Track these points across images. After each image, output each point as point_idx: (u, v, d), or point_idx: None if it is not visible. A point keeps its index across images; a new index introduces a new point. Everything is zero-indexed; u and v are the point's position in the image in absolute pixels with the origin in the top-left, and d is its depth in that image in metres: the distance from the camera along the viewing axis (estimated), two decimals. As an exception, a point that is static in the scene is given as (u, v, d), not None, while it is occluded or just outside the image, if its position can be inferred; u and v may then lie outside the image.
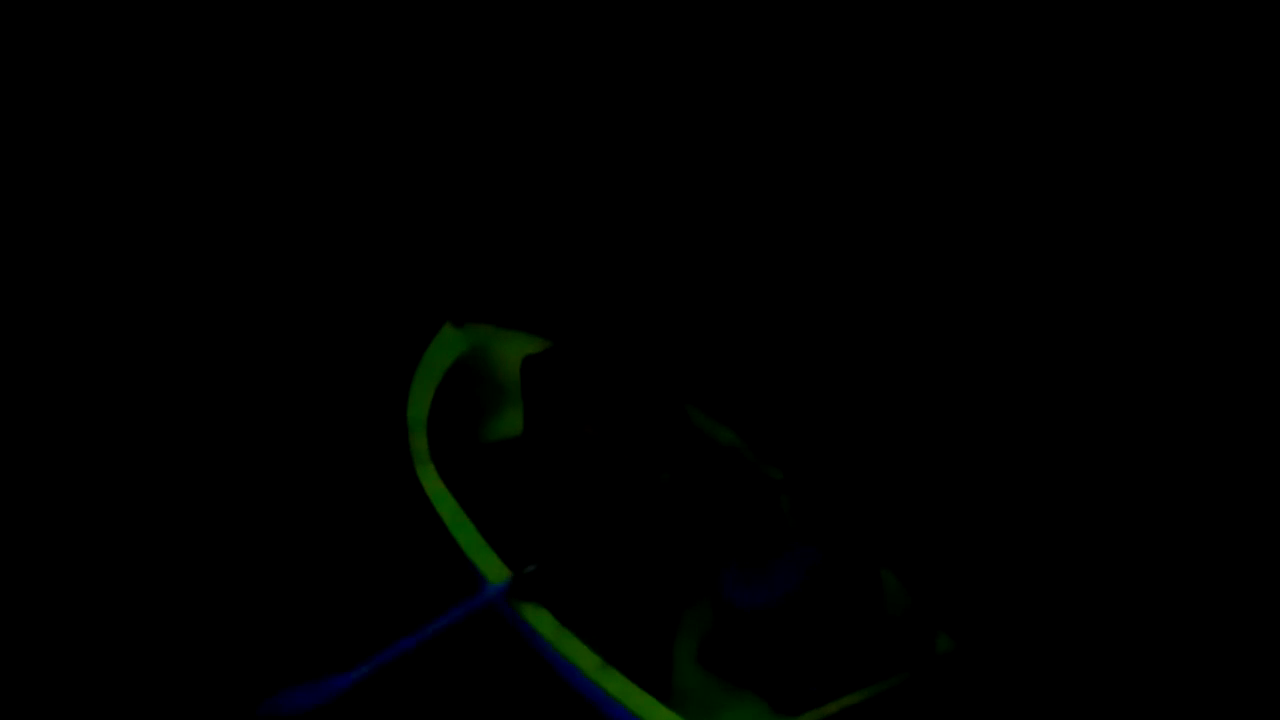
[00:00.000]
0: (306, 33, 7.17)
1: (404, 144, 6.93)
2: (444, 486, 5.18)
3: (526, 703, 4.88)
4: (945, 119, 6.98)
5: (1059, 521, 5.33)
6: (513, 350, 5.62)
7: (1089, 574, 5.16)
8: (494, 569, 4.90)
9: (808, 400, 5.90)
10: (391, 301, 6.34)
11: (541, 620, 4.71)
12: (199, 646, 5.18)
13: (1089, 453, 5.62)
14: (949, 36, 7.21)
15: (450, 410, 5.54)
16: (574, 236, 6.60)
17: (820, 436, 5.71)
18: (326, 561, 5.43)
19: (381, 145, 6.91)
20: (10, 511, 5.55)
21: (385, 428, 5.78)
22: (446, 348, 5.61)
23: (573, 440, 5.16)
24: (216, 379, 6.05)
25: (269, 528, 5.54)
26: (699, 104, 7.04)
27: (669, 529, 4.90)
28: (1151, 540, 5.27)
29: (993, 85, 7.04)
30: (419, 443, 5.32)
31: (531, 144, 6.92)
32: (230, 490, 5.67)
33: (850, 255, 6.52)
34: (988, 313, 6.26)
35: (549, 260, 6.50)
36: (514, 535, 5.10)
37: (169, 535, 5.53)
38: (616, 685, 4.49)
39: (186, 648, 5.18)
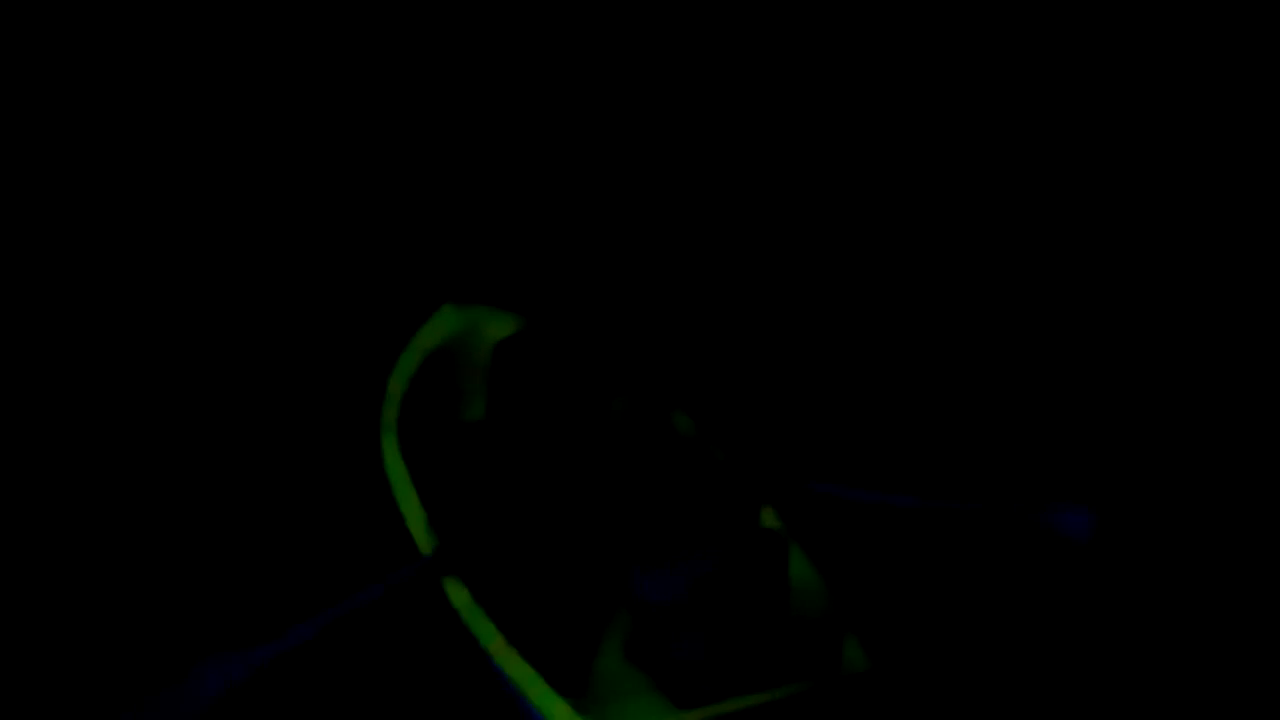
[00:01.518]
0: (302, 24, 7.25)
1: (419, 132, 6.99)
2: (399, 457, 5.20)
3: (449, 675, 4.90)
4: (921, 117, 6.99)
5: (995, 545, 5.30)
6: (503, 332, 5.64)
7: (1013, 599, 5.13)
8: (426, 540, 4.92)
9: (768, 395, 5.92)
10: (406, 283, 6.42)
11: (458, 595, 4.70)
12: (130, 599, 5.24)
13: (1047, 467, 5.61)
14: (943, 36, 7.21)
15: (431, 386, 5.57)
16: (579, 225, 6.64)
17: (777, 431, 5.73)
18: (278, 517, 5.49)
19: (394, 133, 6.98)
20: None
21: (369, 398, 5.85)
22: (441, 326, 5.64)
23: (588, 418, 5.16)
24: (219, 359, 6.14)
25: (233, 485, 5.61)
26: (694, 102, 7.08)
27: (604, 515, 4.88)
28: (1095, 563, 5.23)
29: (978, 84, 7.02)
30: (390, 413, 5.35)
31: (541, 135, 6.97)
32: (199, 450, 5.76)
33: (831, 258, 6.54)
34: (959, 317, 6.27)
35: (554, 246, 6.55)
36: (455, 511, 5.11)
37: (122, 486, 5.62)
38: (515, 667, 4.47)
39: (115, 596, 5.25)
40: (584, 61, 7.24)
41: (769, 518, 4.96)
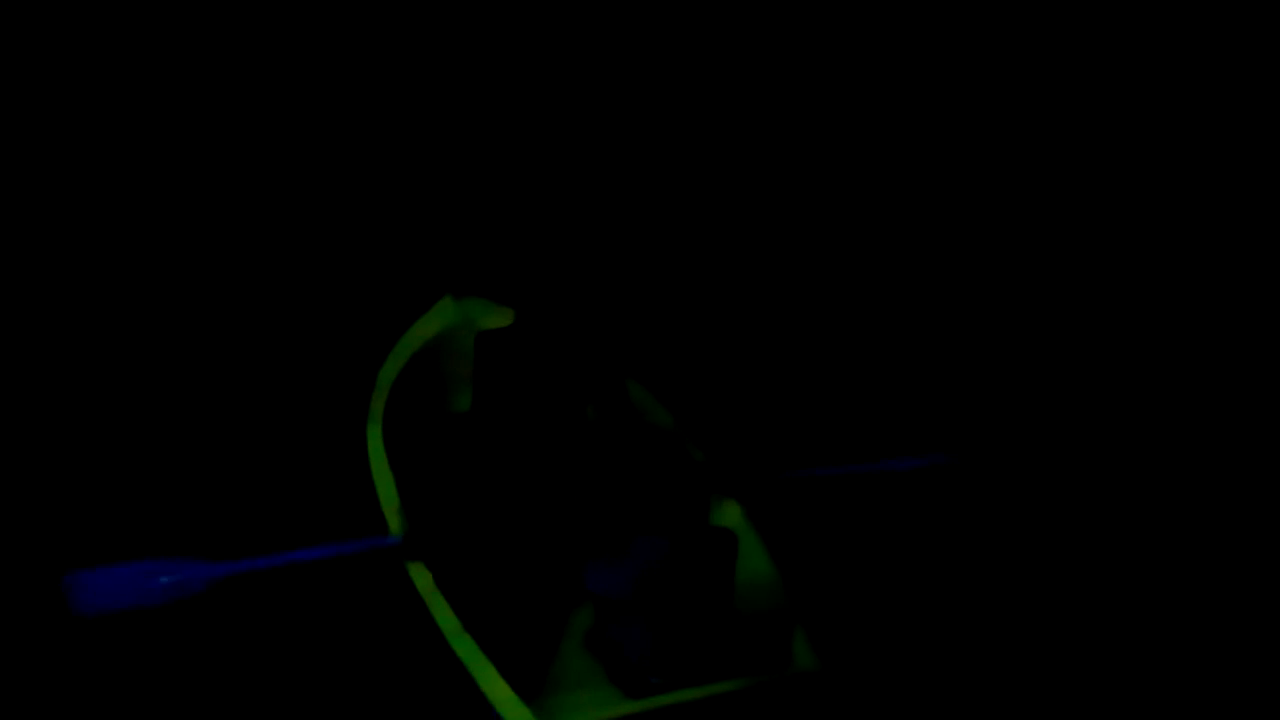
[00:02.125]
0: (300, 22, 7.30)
1: (422, 126, 7.06)
2: (381, 446, 5.27)
3: (408, 658, 4.98)
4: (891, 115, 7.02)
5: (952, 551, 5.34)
6: (498, 325, 5.69)
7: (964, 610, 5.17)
8: (399, 527, 4.99)
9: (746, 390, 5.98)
10: (412, 275, 6.49)
11: (421, 579, 4.78)
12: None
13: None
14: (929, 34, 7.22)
15: (422, 377, 5.63)
16: (565, 219, 6.71)
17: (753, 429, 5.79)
18: (256, 488, 5.61)
19: (398, 128, 7.05)
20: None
21: (361, 387, 5.93)
22: (439, 318, 5.70)
23: (564, 411, 5.20)
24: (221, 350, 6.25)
25: (220, 476, 5.74)
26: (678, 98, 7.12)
27: (573, 508, 4.93)
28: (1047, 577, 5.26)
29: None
30: (378, 402, 5.42)
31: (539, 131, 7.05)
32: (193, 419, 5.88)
33: (819, 254, 6.59)
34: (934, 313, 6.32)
35: (541, 240, 6.61)
36: (426, 498, 5.18)
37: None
38: (466, 650, 4.54)
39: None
40: (579, 62, 7.31)
41: (733, 514, 5.02)
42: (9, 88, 7.02)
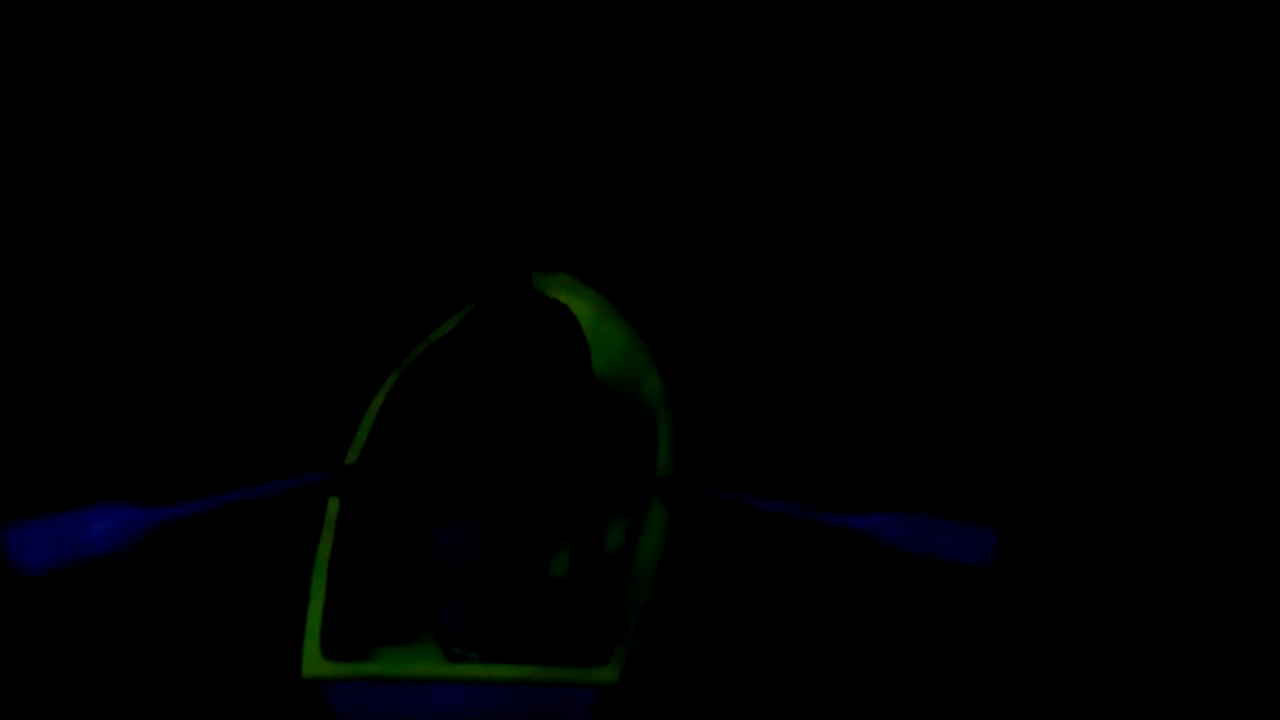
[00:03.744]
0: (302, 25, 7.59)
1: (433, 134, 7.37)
2: (385, 391, 5.64)
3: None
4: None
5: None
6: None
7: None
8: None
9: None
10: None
11: (330, 510, 5.12)
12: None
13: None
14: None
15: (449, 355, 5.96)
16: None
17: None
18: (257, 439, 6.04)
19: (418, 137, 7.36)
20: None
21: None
22: None
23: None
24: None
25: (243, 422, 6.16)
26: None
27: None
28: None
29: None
30: (414, 354, 5.83)
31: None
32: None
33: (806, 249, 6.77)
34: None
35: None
36: (374, 446, 5.53)
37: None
38: (316, 583, 4.90)
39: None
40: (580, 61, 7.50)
41: (657, 517, 5.15)
42: (9, 88, 7.44)
